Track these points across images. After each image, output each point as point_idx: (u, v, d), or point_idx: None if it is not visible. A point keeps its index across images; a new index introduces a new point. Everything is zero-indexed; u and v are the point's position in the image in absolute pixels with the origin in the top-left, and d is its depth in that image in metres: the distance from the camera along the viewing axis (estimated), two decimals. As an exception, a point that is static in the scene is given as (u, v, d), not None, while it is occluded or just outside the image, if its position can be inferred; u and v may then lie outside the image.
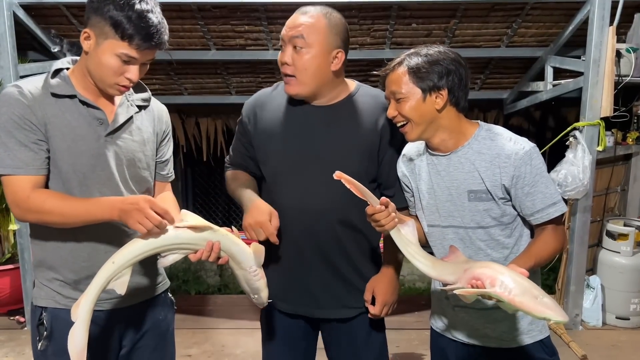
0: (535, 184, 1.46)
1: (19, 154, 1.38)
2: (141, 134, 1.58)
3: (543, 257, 1.47)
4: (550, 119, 5.25)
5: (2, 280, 3.55)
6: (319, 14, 1.57)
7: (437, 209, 1.57)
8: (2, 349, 3.21)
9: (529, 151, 1.46)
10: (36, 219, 1.42)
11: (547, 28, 3.77)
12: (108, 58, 1.38)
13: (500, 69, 4.34)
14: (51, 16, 3.51)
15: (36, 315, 1.51)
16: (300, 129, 1.65)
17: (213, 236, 1.39)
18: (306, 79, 1.57)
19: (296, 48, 1.56)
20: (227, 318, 3.65)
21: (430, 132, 1.51)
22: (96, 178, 1.48)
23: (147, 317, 1.65)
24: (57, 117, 1.42)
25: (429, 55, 1.47)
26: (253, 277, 1.46)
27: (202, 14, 3.52)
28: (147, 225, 1.32)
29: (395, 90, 1.47)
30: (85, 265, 1.50)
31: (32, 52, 3.91)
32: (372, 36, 3.82)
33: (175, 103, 4.75)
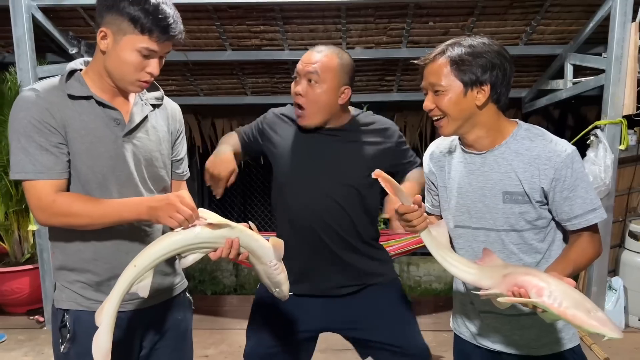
0: (575, 188, 1.39)
1: (40, 158, 1.38)
2: (157, 133, 1.58)
3: (580, 264, 1.43)
4: (569, 117, 5.17)
5: (21, 280, 3.59)
6: (332, 54, 1.78)
7: (467, 210, 1.50)
8: (22, 349, 3.24)
9: (571, 154, 1.39)
10: (62, 222, 1.42)
11: (567, 25, 3.71)
12: (128, 54, 1.38)
13: (518, 67, 4.28)
14: (69, 18, 3.54)
15: (58, 317, 1.50)
16: (309, 145, 1.85)
17: (231, 233, 1.39)
18: (315, 111, 1.78)
19: (310, 82, 1.76)
20: (244, 318, 3.58)
21: (467, 128, 1.44)
22: (115, 179, 1.47)
23: (167, 317, 1.65)
24: (75, 119, 1.42)
25: (472, 47, 1.39)
26: (274, 271, 1.45)
27: (218, 14, 3.52)
28: (179, 219, 1.33)
29: (434, 82, 1.40)
30: (108, 267, 1.50)
31: (50, 54, 3.95)
32: (389, 35, 3.79)
33: (192, 104, 4.77)
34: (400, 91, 4.62)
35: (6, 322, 3.62)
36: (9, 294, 3.63)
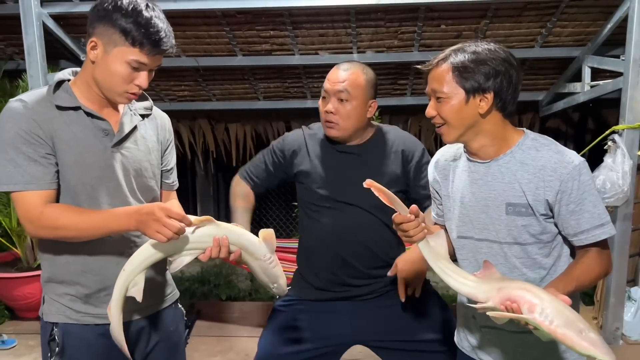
0: (582, 201, 1.33)
1: (29, 169, 1.37)
2: (146, 143, 1.56)
3: (585, 282, 1.36)
4: (589, 121, 5.04)
5: (33, 286, 3.61)
6: (358, 70, 1.86)
7: (470, 220, 1.46)
8: (32, 354, 3.26)
9: (578, 166, 1.33)
10: (50, 234, 1.41)
11: (584, 27, 3.61)
12: (118, 66, 1.37)
13: (535, 70, 4.18)
14: (80, 25, 3.56)
15: (47, 331, 1.50)
16: (337, 162, 1.93)
17: (218, 231, 1.37)
18: (348, 126, 1.85)
19: (341, 100, 1.83)
20: (252, 326, 3.61)
21: (470, 136, 1.40)
22: (104, 190, 1.46)
23: (159, 328, 1.64)
24: (63, 130, 1.41)
25: (476, 53, 1.34)
26: (269, 264, 1.44)
27: (227, 19, 3.51)
28: (167, 234, 1.30)
29: (436, 88, 1.37)
30: (97, 279, 1.49)
31: (63, 61, 3.98)
32: (400, 39, 3.73)
33: (205, 109, 4.78)
34: (414, 95, 4.56)
35: (18, 327, 3.65)
36: (21, 299, 3.66)
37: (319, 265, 1.96)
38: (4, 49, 3.94)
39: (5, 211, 3.69)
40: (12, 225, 3.71)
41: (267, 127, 5.11)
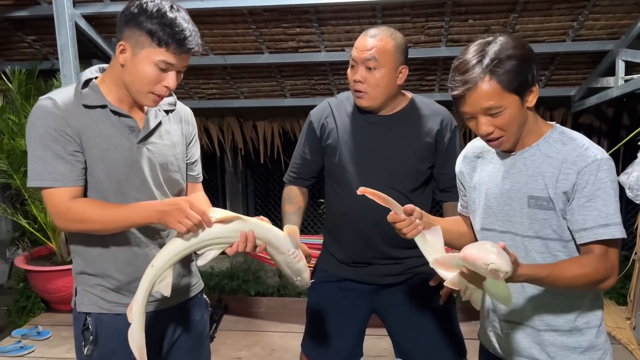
0: (594, 198, 1.29)
1: (56, 166, 1.42)
2: (170, 138, 1.60)
3: (562, 277, 1.27)
4: (624, 116, 4.89)
5: (67, 279, 3.72)
6: (386, 36, 1.80)
7: (494, 212, 1.45)
8: (65, 345, 3.36)
9: (599, 161, 1.29)
10: (78, 228, 1.46)
11: (618, 19, 3.50)
12: (146, 67, 1.40)
13: (566, 65, 4.08)
14: (111, 25, 3.63)
15: (80, 320, 1.55)
16: (365, 134, 1.89)
17: (244, 226, 1.40)
18: (377, 94, 1.81)
19: (369, 69, 1.78)
20: (279, 321, 3.64)
21: (522, 135, 1.39)
22: (131, 185, 1.51)
23: (184, 318, 1.69)
24: (90, 127, 1.46)
25: (507, 51, 1.28)
26: (293, 259, 1.47)
27: (254, 17, 3.53)
28: (187, 224, 1.34)
29: (489, 105, 1.29)
30: (127, 270, 1.54)
31: (95, 60, 4.08)
32: (427, 34, 3.69)
33: (233, 107, 4.83)
34: (442, 91, 4.50)
35: (52, 319, 3.77)
36: (56, 292, 3.77)
37: (342, 241, 1.98)
38: (39, 49, 4.06)
39: (41, 206, 3.80)
40: (47, 221, 3.82)
41: (294, 124, 5.12)
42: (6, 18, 3.60)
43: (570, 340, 1.40)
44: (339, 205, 1.96)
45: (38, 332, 3.50)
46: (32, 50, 4.10)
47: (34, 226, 4.01)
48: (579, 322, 1.40)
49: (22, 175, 3.76)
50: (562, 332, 1.41)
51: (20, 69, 3.77)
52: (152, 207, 1.41)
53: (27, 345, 3.33)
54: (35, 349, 3.33)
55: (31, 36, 3.93)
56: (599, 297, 1.43)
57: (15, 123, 3.72)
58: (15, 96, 3.72)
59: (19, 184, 3.77)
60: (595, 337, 1.41)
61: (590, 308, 1.41)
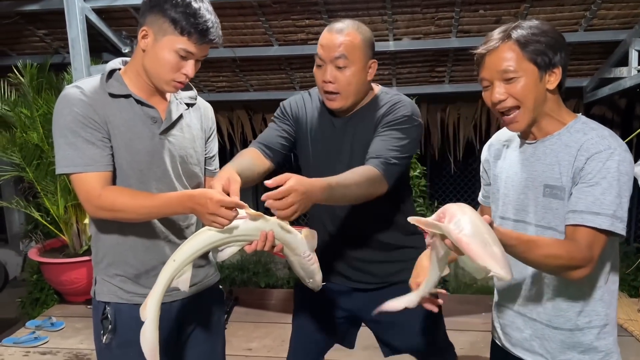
0: (595, 185, 1.25)
1: (87, 151, 1.44)
2: (191, 131, 1.63)
3: (532, 252, 1.22)
4: (637, 107, 4.84)
5: (80, 271, 3.77)
6: (353, 31, 1.66)
7: (510, 201, 1.44)
8: (78, 336, 3.41)
9: (611, 151, 1.25)
10: (108, 216, 1.48)
11: (632, 8, 3.45)
12: (166, 54, 1.43)
13: (578, 55, 4.04)
14: (121, 18, 3.66)
15: (99, 310, 1.58)
16: (331, 135, 1.77)
17: (266, 226, 1.40)
18: (349, 93, 1.67)
19: (339, 67, 1.64)
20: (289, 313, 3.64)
21: (539, 118, 1.36)
22: (152, 175, 1.53)
23: (201, 308, 1.71)
24: (115, 116, 1.49)
25: (536, 27, 1.30)
26: (307, 262, 1.47)
27: (263, 9, 3.53)
28: (223, 223, 1.34)
29: (506, 67, 1.29)
30: (146, 259, 1.56)
31: (105, 54, 4.10)
32: (437, 25, 3.67)
33: (242, 100, 4.83)
34: (452, 82, 4.48)
35: (66, 311, 3.82)
36: (69, 284, 3.82)
37: None
38: (50, 43, 4.08)
39: (53, 199, 3.84)
40: (60, 213, 3.86)
41: (304, 116, 5.12)
42: (17, 12, 3.62)
43: (571, 338, 1.38)
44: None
45: (52, 323, 3.55)
46: (43, 44, 4.13)
47: (46, 219, 4.05)
48: (580, 321, 1.37)
49: (35, 168, 3.80)
50: (563, 330, 1.38)
51: (31, 63, 3.79)
52: (183, 203, 1.39)
53: (41, 336, 3.38)
54: (49, 339, 3.37)
55: (42, 30, 3.96)
56: (605, 297, 1.37)
57: (28, 117, 3.75)
58: (27, 90, 3.75)
59: (32, 177, 3.81)
60: (596, 338, 1.37)
61: (593, 307, 1.37)
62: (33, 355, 3.20)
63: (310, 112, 1.82)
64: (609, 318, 1.38)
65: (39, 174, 3.80)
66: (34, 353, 3.22)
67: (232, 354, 2.01)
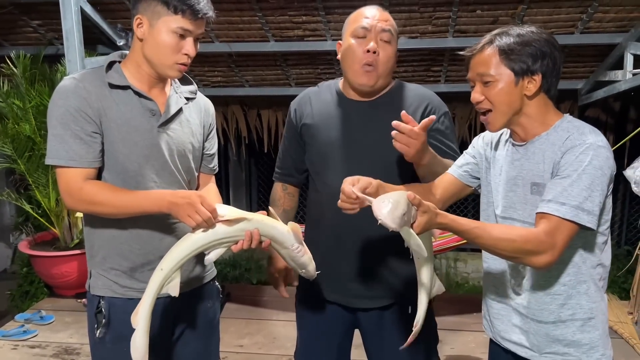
0: (566, 177, 1.29)
1: (73, 146, 1.44)
2: (190, 126, 1.63)
3: (486, 236, 1.28)
4: (631, 110, 4.86)
5: (70, 265, 3.74)
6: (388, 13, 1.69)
7: (500, 198, 1.47)
8: (68, 330, 3.39)
9: (586, 145, 1.29)
10: (87, 209, 1.49)
11: (628, 12, 3.45)
12: (164, 36, 1.44)
13: (574, 57, 4.05)
14: (117, 10, 3.62)
15: (94, 303, 1.57)
16: (342, 121, 1.72)
17: (249, 225, 1.41)
18: (385, 72, 1.65)
19: (384, 41, 1.62)
20: (281, 310, 3.65)
21: (515, 121, 1.40)
22: (150, 168, 1.53)
23: (196, 305, 1.71)
24: (112, 108, 1.48)
25: (521, 36, 1.35)
26: (297, 254, 1.49)
27: (260, 5, 3.51)
28: (197, 219, 1.35)
29: (483, 71, 1.36)
30: (141, 253, 1.56)
31: (100, 46, 4.07)
32: (434, 24, 3.66)
33: (237, 95, 4.80)
34: (448, 82, 4.48)
35: (56, 304, 3.79)
36: (59, 277, 3.79)
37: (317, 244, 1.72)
38: (43, 34, 4.04)
39: (45, 192, 3.81)
40: (51, 206, 3.83)
41: (299, 113, 5.10)
42: (12, 2, 3.58)
43: (555, 331, 1.40)
44: (317, 199, 1.80)
45: (41, 316, 3.52)
46: (37, 35, 4.08)
47: (37, 211, 4.03)
48: (564, 314, 1.39)
49: (26, 160, 3.76)
50: (547, 323, 1.41)
51: (25, 54, 3.75)
52: (164, 198, 1.42)
53: (30, 329, 3.36)
54: (38, 333, 3.35)
55: (36, 21, 3.91)
56: (591, 292, 1.39)
57: (20, 108, 3.72)
58: (20, 81, 3.71)
59: (23, 169, 3.77)
60: (580, 331, 1.39)
61: (577, 301, 1.39)
62: (22, 349, 3.18)
63: (318, 103, 1.78)
64: (594, 312, 1.40)
65: (31, 166, 3.77)
66: (22, 347, 3.20)
67: (223, 350, 2.00)
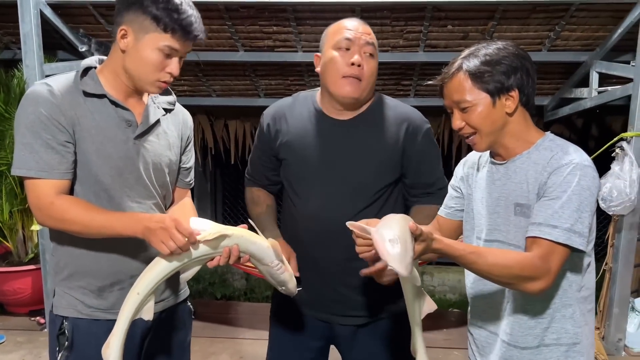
0: (555, 198, 1.25)
1: (44, 156, 1.34)
2: (167, 138, 1.54)
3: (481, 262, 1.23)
4: (593, 127, 4.98)
5: (23, 281, 3.54)
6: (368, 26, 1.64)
7: (485, 221, 1.43)
8: (20, 351, 3.18)
9: (573, 165, 1.25)
10: (57, 226, 1.39)
11: (594, 31, 3.54)
12: (150, 53, 1.36)
13: (541, 74, 4.12)
14: (79, 15, 3.49)
15: (56, 324, 1.47)
16: (320, 140, 1.65)
17: (228, 241, 1.35)
18: (368, 85, 1.60)
19: (370, 55, 1.59)
20: (248, 327, 3.55)
21: (499, 141, 1.37)
22: (124, 181, 1.44)
23: (168, 326, 1.61)
24: (86, 117, 1.38)
25: (488, 55, 1.32)
26: (276, 271, 1.44)
27: (230, 14, 3.43)
28: (171, 247, 1.27)
29: (459, 98, 1.33)
30: (111, 271, 1.46)
31: (61, 52, 3.91)
32: (405, 38, 3.66)
33: (204, 105, 4.71)
34: (417, 96, 4.49)
35: (7, 323, 3.57)
36: (11, 294, 3.58)
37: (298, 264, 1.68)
38: (0, 37, 3.85)
39: (-3, 204, 3.61)
40: (4, 219, 3.64)
41: (267, 124, 5.03)
42: (-35, 3, 3.40)
43: (538, 356, 1.36)
44: (291, 218, 1.72)
45: (-9, 336, 3.31)
46: (-8, 38, 3.90)
47: (-11, 224, 3.81)
48: (548, 338, 1.35)
49: (-22, 171, 3.56)
50: (530, 349, 1.36)
51: (-22, 58, 3.57)
52: (139, 222, 1.33)
53: (-21, 350, 3.15)
54: (-13, 354, 3.14)
55: (-8, 23, 3.74)
56: (576, 316, 1.35)
57: (-28, 114, 3.52)
58: (-27, 86, 3.52)
59: (-26, 180, 3.56)
60: (564, 356, 1.35)
61: (562, 325, 1.35)
62: (-32, 372, 2.97)
63: (294, 117, 1.70)
64: (579, 337, 1.36)
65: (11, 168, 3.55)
66: (-31, 369, 2.99)
67: (188, 372, 1.88)
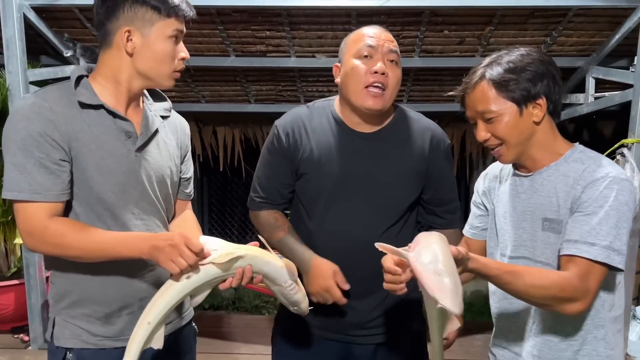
0: (592, 213, 1.19)
1: (37, 176, 1.23)
2: (167, 148, 1.46)
3: (517, 283, 1.17)
4: (585, 132, 4.98)
5: (6, 296, 3.39)
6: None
7: (509, 236, 1.36)
8: (3, 371, 3.04)
9: (609, 178, 1.20)
10: (52, 251, 1.28)
11: (590, 36, 3.51)
12: (162, 44, 1.32)
13: (536, 80, 4.09)
14: (64, 19, 3.36)
15: (59, 357, 1.36)
16: (345, 154, 1.58)
17: (242, 262, 1.28)
18: (391, 96, 1.53)
19: (395, 63, 1.52)
20: (242, 342, 3.44)
21: (527, 151, 1.30)
22: (128, 198, 1.34)
23: (174, 349, 1.52)
24: (84, 131, 1.28)
25: (511, 62, 1.26)
26: (290, 291, 1.40)
27: (222, 18, 3.33)
28: (181, 265, 1.19)
29: (483, 109, 1.28)
30: (118, 296, 1.37)
31: (45, 57, 3.77)
32: (401, 43, 3.58)
33: (193, 111, 4.58)
34: (410, 102, 4.43)
35: (-12, 341, 3.42)
36: (-8, 311, 3.43)
37: None
38: (-20, 42, 3.70)
39: (-23, 216, 3.45)
40: (-15, 231, 3.48)
41: (257, 131, 4.94)
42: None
43: None
44: (310, 233, 1.63)
45: (-29, 355, 3.16)
46: (-28, 42, 3.74)
47: (-32, 237, 3.64)
48: None
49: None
50: None
51: (-42, 63, 3.40)
52: (145, 241, 1.25)
53: (-41, 371, 3.00)
54: (-33, 375, 2.99)
55: (-28, 27, 3.58)
56: (608, 338, 1.29)
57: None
58: (-49, 93, 3.36)
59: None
60: None
61: (595, 347, 1.29)
62: (-52, 395, 2.82)
63: (314, 129, 1.60)
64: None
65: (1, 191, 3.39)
66: (-52, 392, 2.84)
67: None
